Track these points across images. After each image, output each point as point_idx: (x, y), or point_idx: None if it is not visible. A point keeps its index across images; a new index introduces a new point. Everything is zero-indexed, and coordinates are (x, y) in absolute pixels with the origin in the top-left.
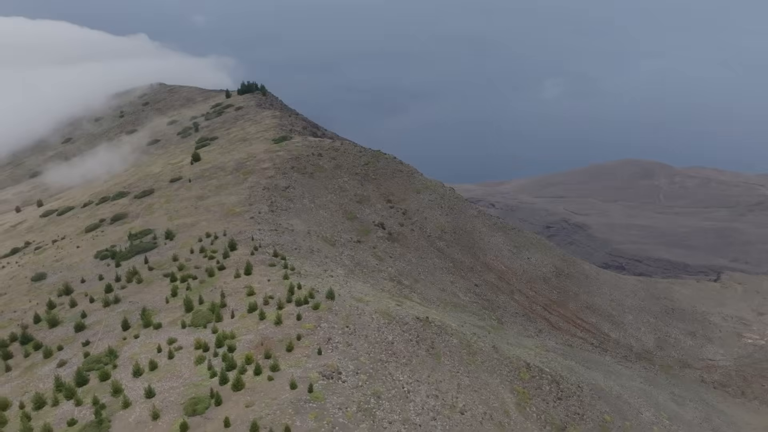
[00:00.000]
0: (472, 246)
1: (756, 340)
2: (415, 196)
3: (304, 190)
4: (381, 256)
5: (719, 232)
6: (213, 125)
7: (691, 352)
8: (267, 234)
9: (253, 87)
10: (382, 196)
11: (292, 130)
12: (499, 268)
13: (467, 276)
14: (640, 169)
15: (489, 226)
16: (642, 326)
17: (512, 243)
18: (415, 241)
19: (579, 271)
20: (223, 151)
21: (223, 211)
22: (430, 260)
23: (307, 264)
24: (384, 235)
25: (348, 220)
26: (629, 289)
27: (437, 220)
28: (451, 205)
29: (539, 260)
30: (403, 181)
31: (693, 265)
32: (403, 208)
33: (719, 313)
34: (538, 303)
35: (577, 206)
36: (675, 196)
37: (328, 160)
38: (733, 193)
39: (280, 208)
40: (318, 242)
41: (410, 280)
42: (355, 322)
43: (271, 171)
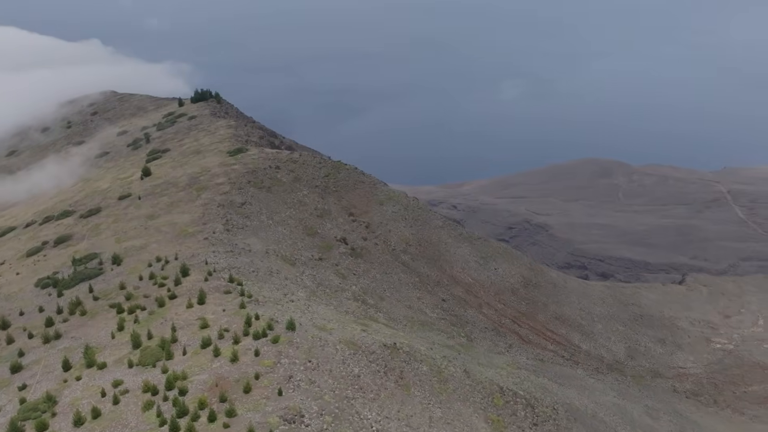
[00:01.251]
0: (438, 258)
1: (724, 345)
2: (378, 208)
3: (261, 206)
4: (344, 274)
5: (678, 229)
6: (165, 136)
7: (661, 360)
8: (222, 256)
9: (207, 95)
10: (344, 210)
11: (248, 140)
12: (467, 281)
13: (434, 291)
14: (599, 168)
15: (455, 237)
16: (612, 335)
17: (479, 254)
18: (380, 256)
19: (547, 280)
20: (175, 165)
21: (175, 232)
22: (395, 275)
23: (265, 288)
24: (347, 250)
25: (308, 236)
26: (597, 296)
27: (401, 233)
28: (416, 216)
29: (506, 270)
30: (366, 193)
31: (654, 263)
32: (366, 221)
33: (687, 317)
34: (507, 316)
35: (539, 206)
36: (634, 195)
37: (287, 172)
38: (689, 190)
39: (236, 227)
40: (277, 262)
41: (375, 298)
42: (318, 356)
43: (226, 186)
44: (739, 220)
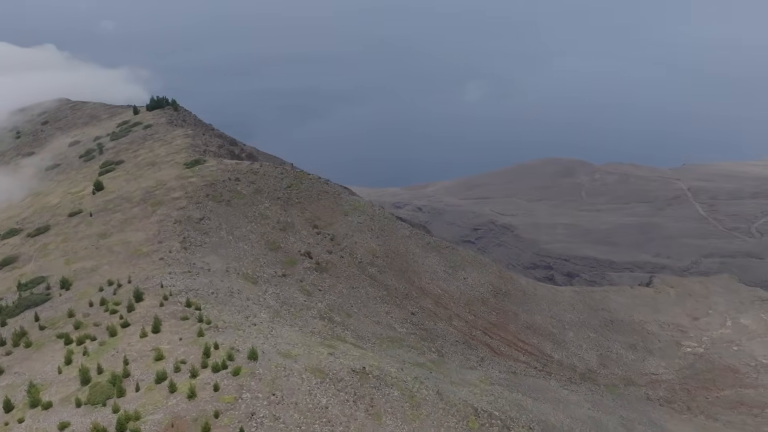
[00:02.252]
0: (406, 270)
1: (695, 348)
2: (343, 219)
3: (220, 221)
4: (309, 290)
5: (641, 227)
6: (119, 146)
7: (633, 366)
8: (179, 278)
9: (164, 102)
10: (308, 222)
11: (206, 150)
12: (436, 292)
13: (403, 304)
14: (562, 168)
15: (422, 247)
16: (583, 343)
17: (447, 263)
18: (346, 270)
19: (516, 287)
20: (129, 178)
21: (129, 252)
22: (362, 290)
23: (225, 312)
24: (311, 265)
25: (271, 251)
26: (567, 302)
27: (368, 244)
28: (382, 227)
29: (476, 279)
30: (330, 204)
31: (618, 261)
32: (331, 234)
33: (656, 320)
34: (477, 327)
35: (503, 207)
36: (596, 193)
37: (247, 184)
38: (651, 188)
39: (194, 244)
40: (238, 281)
41: (342, 315)
42: (283, 387)
43: (183, 201)
44: (699, 217)
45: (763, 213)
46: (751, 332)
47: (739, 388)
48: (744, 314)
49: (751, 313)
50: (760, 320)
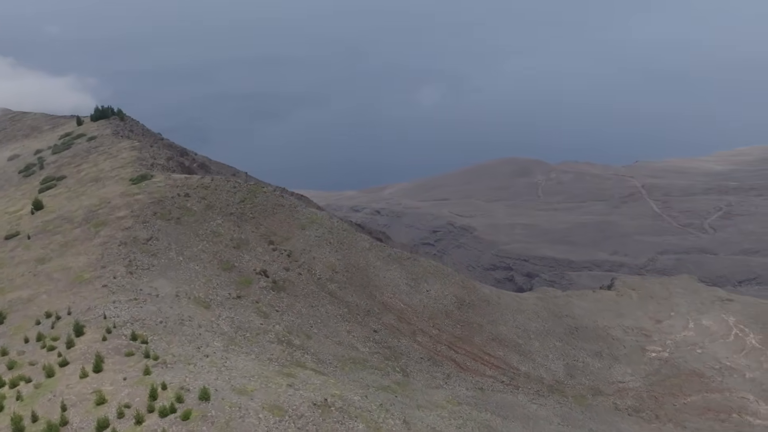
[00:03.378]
0: (367, 284)
1: (659, 353)
2: (300, 233)
3: (170, 241)
4: (266, 312)
5: (597, 225)
6: (61, 161)
7: (600, 375)
8: (124, 307)
9: (109, 112)
10: (263, 238)
11: (153, 164)
12: (398, 307)
13: (365, 321)
14: (518, 167)
15: (383, 259)
16: (549, 353)
17: (409, 275)
18: (304, 287)
19: (480, 297)
20: (71, 196)
21: (69, 279)
22: (322, 308)
23: (175, 343)
24: (268, 284)
25: (225, 271)
26: (531, 310)
27: (327, 259)
28: (341, 240)
29: (439, 291)
30: (286, 217)
31: (576, 261)
32: (288, 250)
33: (619, 325)
34: (442, 342)
35: (462, 208)
36: (553, 192)
37: (197, 200)
38: (606, 186)
39: (140, 268)
40: (189, 306)
41: (301, 337)
42: (238, 431)
43: (128, 220)
44: (654, 214)
45: (715, 209)
46: (713, 333)
47: (706, 393)
48: (705, 315)
49: (712, 313)
50: (721, 321)
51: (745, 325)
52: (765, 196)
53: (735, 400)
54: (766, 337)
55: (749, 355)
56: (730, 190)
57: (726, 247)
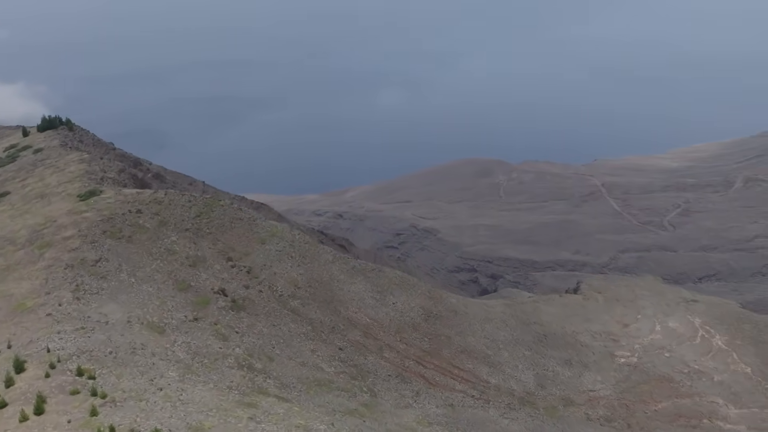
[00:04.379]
0: (331, 300)
1: (628, 358)
2: (260, 248)
3: (120, 262)
4: (225, 334)
5: (559, 225)
6: (5, 175)
7: (571, 384)
8: (70, 338)
9: (57, 121)
10: (221, 254)
11: (104, 178)
12: (364, 322)
13: (329, 339)
14: (480, 168)
15: (347, 272)
16: (519, 363)
17: (374, 287)
18: (265, 305)
19: (447, 307)
20: (14, 214)
21: (10, 307)
22: (284, 327)
23: (126, 376)
24: (226, 304)
25: (180, 291)
26: (499, 318)
27: (288, 274)
28: (303, 253)
29: (405, 303)
30: (245, 231)
31: (540, 261)
32: (247, 266)
33: (587, 330)
34: (410, 357)
35: (425, 210)
36: (514, 192)
37: (150, 216)
38: (566, 185)
39: (89, 292)
40: (142, 333)
41: (263, 360)
42: None
43: (75, 240)
44: (614, 212)
45: (673, 206)
46: (680, 336)
47: (676, 399)
48: (671, 317)
49: (677, 315)
50: (687, 322)
51: (711, 327)
52: (721, 192)
53: (705, 404)
54: (731, 338)
55: (716, 357)
56: (688, 187)
57: (685, 243)
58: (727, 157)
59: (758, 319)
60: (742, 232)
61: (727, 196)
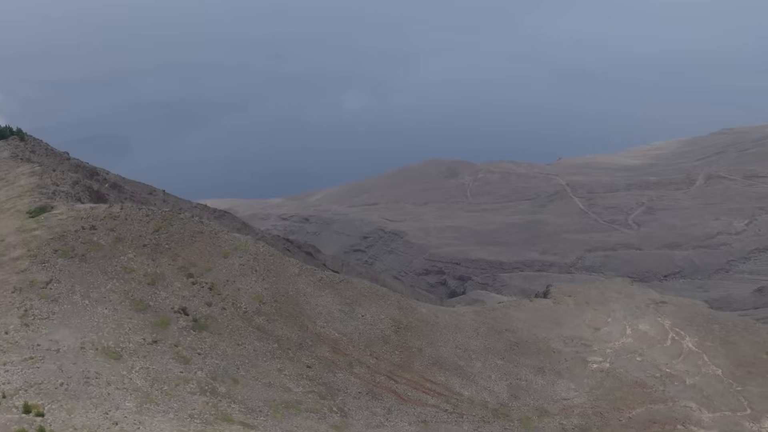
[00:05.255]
0: (298, 314)
1: (600, 363)
2: (223, 262)
3: (73, 282)
4: (186, 356)
5: (525, 225)
6: None
7: (544, 393)
8: (17, 369)
9: (7, 131)
10: (181, 271)
11: (56, 191)
12: (333, 336)
13: (297, 356)
14: (446, 169)
15: (314, 285)
16: (492, 373)
17: (343, 300)
18: (229, 323)
19: (418, 318)
20: None
21: None
22: (249, 345)
23: (78, 410)
24: (188, 323)
25: (138, 312)
26: (470, 326)
27: (253, 289)
28: (268, 267)
29: (375, 315)
30: (206, 245)
31: (507, 262)
32: (210, 282)
33: (559, 336)
34: (381, 372)
35: (392, 213)
36: (481, 193)
37: (105, 233)
38: (531, 184)
39: (38, 317)
40: (96, 360)
41: (228, 382)
42: None
43: (24, 261)
44: (580, 211)
45: (637, 204)
46: (651, 339)
47: (650, 405)
48: (641, 320)
49: (647, 318)
50: (657, 325)
51: (681, 328)
52: (684, 190)
53: (679, 409)
54: (701, 340)
55: (687, 360)
56: (651, 185)
57: (650, 241)
58: (688, 155)
59: (726, 320)
60: (704, 229)
61: (689, 194)
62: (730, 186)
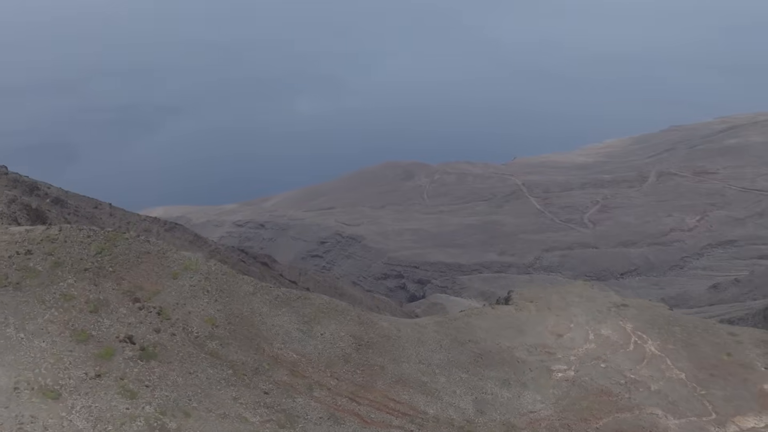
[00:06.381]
0: (253, 336)
1: (565, 372)
2: (172, 284)
3: (7, 314)
4: (133, 390)
5: (483, 226)
6: None
7: (511, 406)
8: None
9: None
10: (127, 295)
11: None
12: (291, 358)
13: (253, 382)
14: (402, 171)
15: (270, 303)
16: (457, 388)
17: (300, 318)
18: (179, 350)
19: (379, 333)
20: None
21: None
22: (202, 373)
23: None
24: (134, 353)
25: (79, 343)
26: (432, 338)
27: (205, 312)
28: (221, 286)
29: (335, 333)
30: (154, 266)
31: (466, 264)
32: (158, 306)
33: (522, 344)
34: (342, 394)
35: (349, 217)
36: (437, 194)
37: (43, 257)
38: (487, 185)
39: None
40: (32, 402)
41: (179, 416)
42: None
43: None
44: (536, 211)
45: (592, 203)
46: (614, 344)
47: (616, 414)
48: (603, 324)
49: (609, 322)
50: (619, 329)
51: (643, 332)
52: (636, 187)
53: (645, 417)
54: (663, 343)
55: (650, 365)
56: (605, 183)
57: (606, 240)
58: (639, 152)
59: (687, 321)
60: (658, 226)
61: (642, 191)
62: (681, 183)
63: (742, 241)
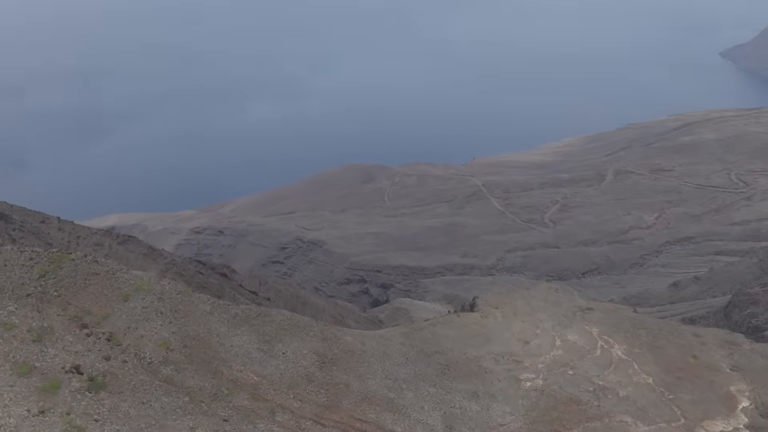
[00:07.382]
0: (211, 359)
1: (534, 381)
2: (123, 306)
3: None
4: (81, 426)
5: (444, 228)
6: None
7: (480, 420)
8: None
9: None
10: (73, 321)
11: None
12: (251, 381)
13: (212, 409)
14: (362, 173)
15: (228, 322)
16: (425, 403)
17: (261, 337)
18: (131, 379)
19: (342, 348)
20: None
21: None
22: (156, 403)
23: None
24: (82, 384)
25: (21, 377)
26: (397, 351)
27: (158, 335)
28: (175, 307)
29: (297, 351)
30: (103, 288)
31: (429, 267)
32: (108, 331)
33: (489, 353)
34: (306, 416)
35: (309, 221)
36: (398, 197)
37: None
38: (448, 186)
39: None
40: None
41: None
42: None
43: None
44: (497, 212)
45: (552, 202)
46: (581, 349)
47: (586, 423)
48: (569, 329)
49: (575, 326)
50: (585, 333)
51: (609, 336)
52: (594, 186)
53: (615, 425)
54: (629, 347)
55: (618, 370)
56: (564, 182)
57: (566, 239)
58: (595, 151)
59: (652, 324)
60: (617, 224)
61: (600, 190)
62: (638, 181)
63: (699, 237)
